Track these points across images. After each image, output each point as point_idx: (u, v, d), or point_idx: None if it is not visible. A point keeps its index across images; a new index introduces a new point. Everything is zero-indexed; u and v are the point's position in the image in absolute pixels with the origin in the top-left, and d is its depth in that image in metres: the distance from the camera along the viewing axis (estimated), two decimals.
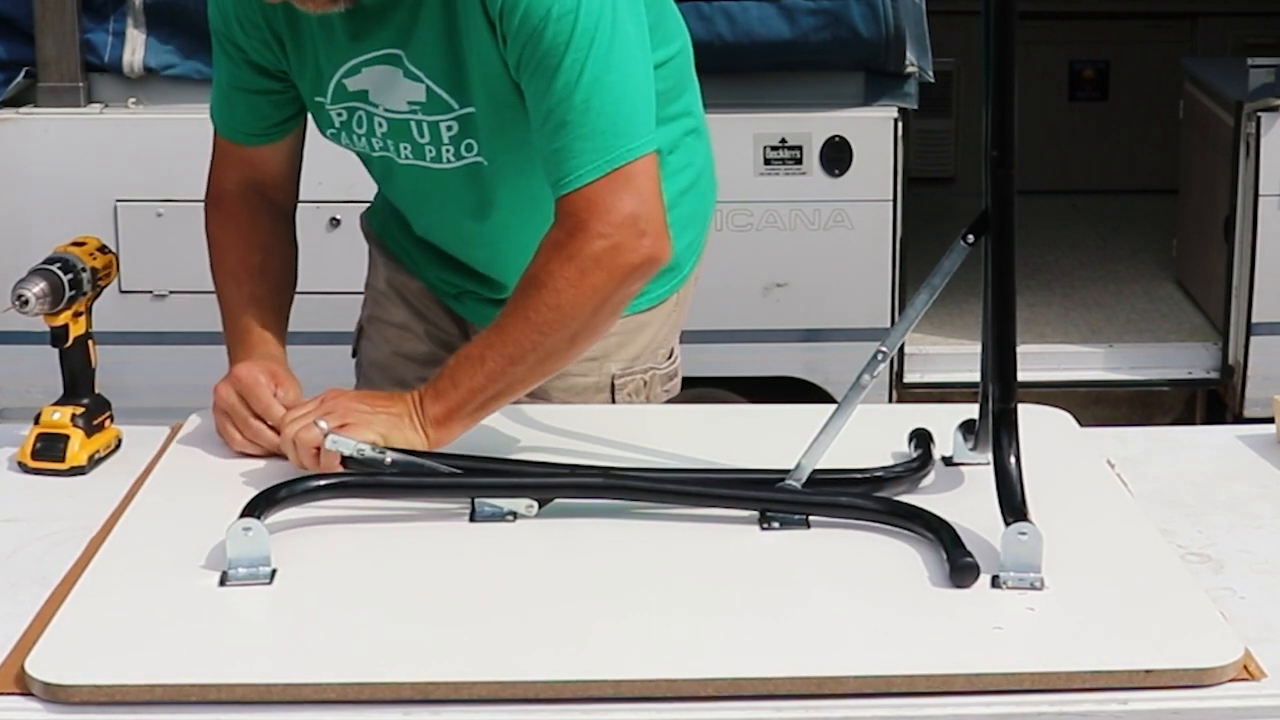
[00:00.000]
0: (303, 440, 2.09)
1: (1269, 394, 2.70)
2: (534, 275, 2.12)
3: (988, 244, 1.98)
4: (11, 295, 2.17)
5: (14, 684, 1.68)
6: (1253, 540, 2.03)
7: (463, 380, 2.13)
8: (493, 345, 2.13)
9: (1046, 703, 1.67)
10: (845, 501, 2.02)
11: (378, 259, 2.65)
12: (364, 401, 2.15)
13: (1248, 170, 4.39)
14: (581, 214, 2.10)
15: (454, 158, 2.27)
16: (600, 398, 2.51)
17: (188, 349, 4.01)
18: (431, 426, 2.13)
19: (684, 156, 2.43)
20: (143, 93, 4.11)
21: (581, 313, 2.11)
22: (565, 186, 2.11)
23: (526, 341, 2.12)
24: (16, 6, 4.04)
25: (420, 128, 2.26)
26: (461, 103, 2.22)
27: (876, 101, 4.12)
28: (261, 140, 2.39)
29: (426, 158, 2.29)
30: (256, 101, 2.35)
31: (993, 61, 1.94)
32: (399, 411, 2.13)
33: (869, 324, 4.14)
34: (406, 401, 2.15)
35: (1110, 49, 6.04)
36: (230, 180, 2.41)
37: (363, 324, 2.69)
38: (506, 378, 2.13)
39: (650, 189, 2.13)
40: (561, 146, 2.10)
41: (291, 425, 2.11)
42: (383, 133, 2.29)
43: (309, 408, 2.13)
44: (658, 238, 2.13)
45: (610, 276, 2.10)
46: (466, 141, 2.26)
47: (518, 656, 1.71)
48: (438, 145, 2.27)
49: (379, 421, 2.11)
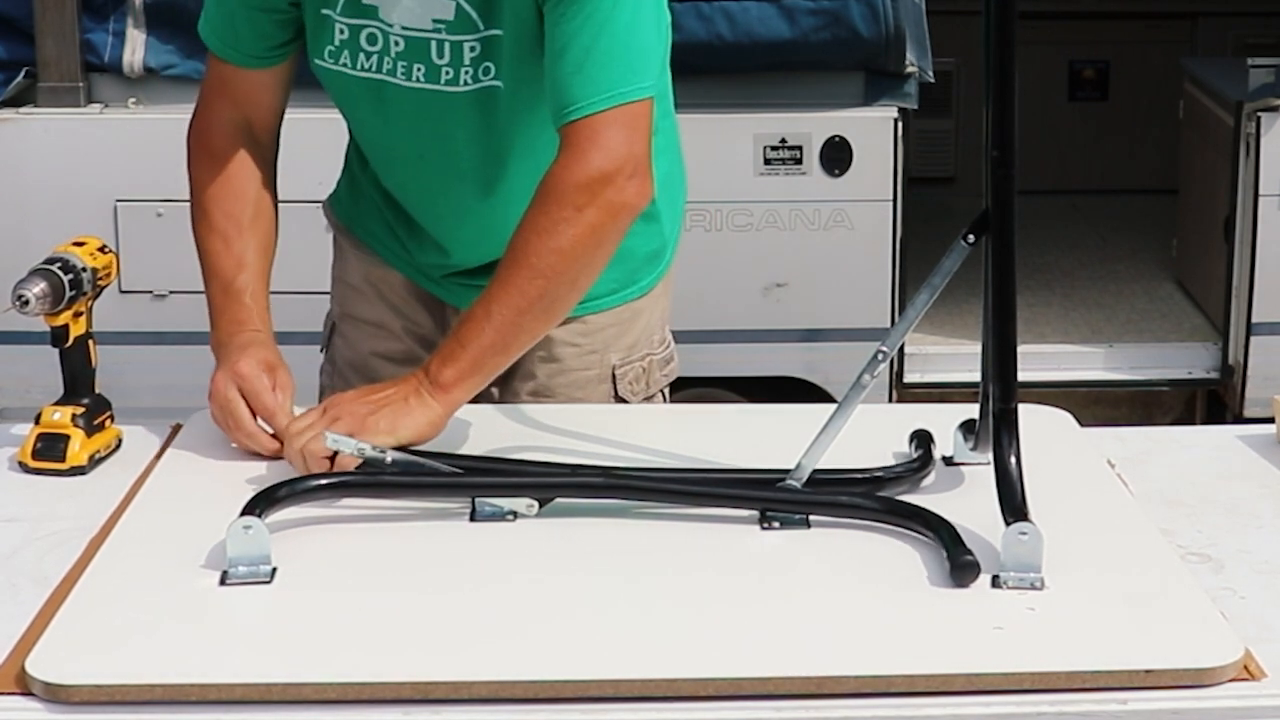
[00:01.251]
0: (313, 452, 2.08)
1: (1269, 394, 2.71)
2: (531, 221, 2.14)
3: (988, 244, 1.98)
4: (12, 295, 2.17)
5: (14, 684, 1.68)
6: (1253, 540, 2.03)
7: (471, 339, 2.14)
8: (497, 299, 2.14)
9: (1046, 703, 1.67)
10: (845, 501, 2.02)
11: (348, 251, 2.61)
12: (366, 400, 2.14)
13: (1248, 170, 4.39)
14: (583, 143, 2.14)
15: (471, 80, 2.26)
16: (603, 389, 2.52)
17: (188, 349, 3.99)
18: (442, 391, 2.13)
19: (663, 140, 2.44)
20: (143, 93, 4.11)
21: (582, 253, 2.14)
22: (571, 113, 2.14)
23: (533, 289, 2.13)
24: (16, 6, 4.04)
25: (441, 47, 2.25)
26: (488, 24, 2.23)
27: (876, 101, 4.12)
28: (261, 63, 2.36)
29: (441, 80, 2.27)
30: (260, 20, 2.33)
31: (993, 61, 1.94)
32: (404, 394, 2.13)
33: (869, 324, 4.14)
34: (412, 380, 2.15)
35: (1110, 49, 6.04)
36: (221, 117, 2.39)
37: (335, 320, 2.65)
38: (515, 329, 2.14)
39: (645, 132, 2.18)
40: (574, 73, 2.14)
41: (299, 438, 2.10)
42: (398, 51, 2.27)
43: (313, 418, 2.12)
44: (644, 181, 2.18)
45: (604, 212, 2.13)
46: (485, 65, 2.25)
47: (518, 656, 1.71)
48: (457, 66, 2.26)
49: (385, 416, 2.11)
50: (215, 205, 2.37)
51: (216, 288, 2.35)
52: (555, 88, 2.17)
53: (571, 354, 2.50)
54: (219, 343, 2.31)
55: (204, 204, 2.38)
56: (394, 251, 2.54)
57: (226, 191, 2.38)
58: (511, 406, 2.44)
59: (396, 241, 2.52)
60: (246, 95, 2.39)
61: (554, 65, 2.17)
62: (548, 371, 2.49)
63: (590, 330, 2.49)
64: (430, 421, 2.12)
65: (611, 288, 2.47)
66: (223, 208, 2.37)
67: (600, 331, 2.50)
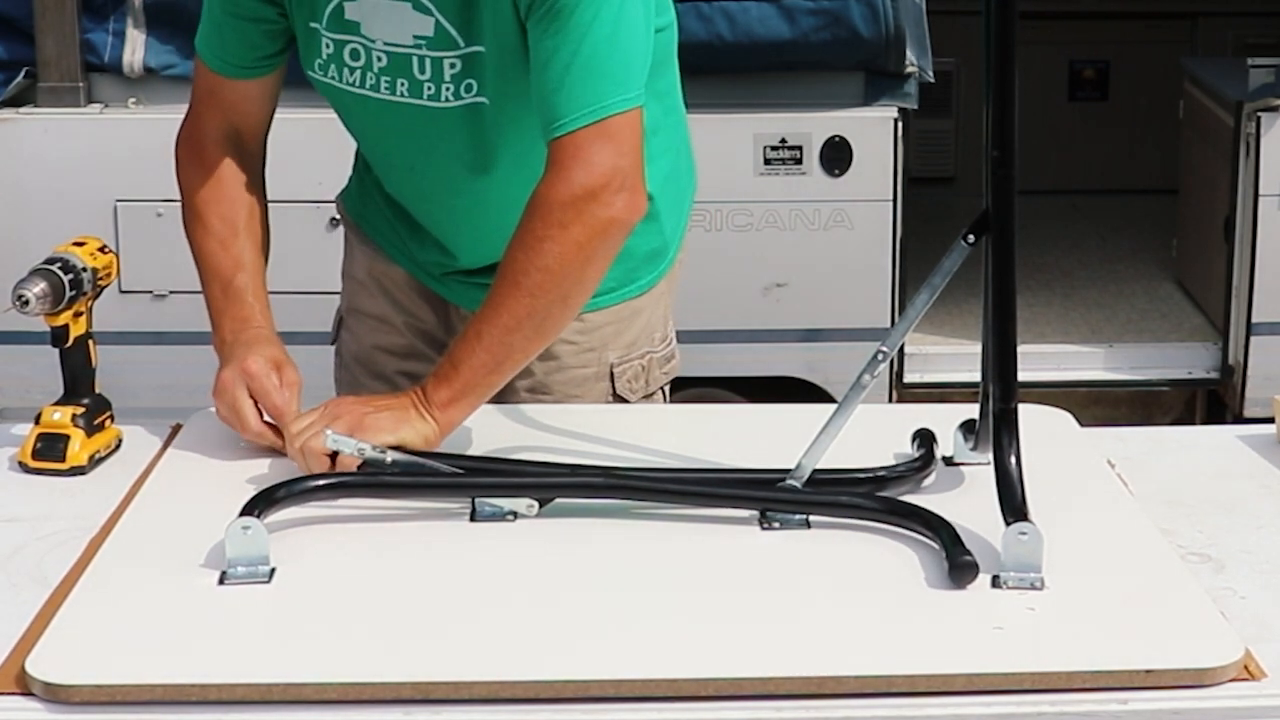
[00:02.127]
0: (312, 449, 2.09)
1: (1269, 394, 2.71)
2: (520, 239, 2.14)
3: (988, 244, 1.98)
4: (12, 295, 2.17)
5: (14, 684, 1.68)
6: (1253, 540, 2.03)
7: (463, 360, 2.15)
8: (487, 319, 2.15)
9: (1046, 703, 1.67)
10: (845, 501, 2.02)
11: (355, 246, 2.63)
12: (368, 404, 2.15)
13: (1248, 170, 4.39)
14: (567, 160, 2.14)
15: (453, 97, 2.27)
16: (601, 387, 2.52)
17: (188, 349, 4.00)
18: (439, 410, 2.14)
19: (666, 139, 2.44)
20: (143, 93, 4.11)
21: (570, 270, 2.13)
22: (555, 130, 2.14)
23: (520, 308, 2.13)
24: (16, 6, 4.04)
25: (422, 63, 2.25)
26: (469, 40, 2.23)
27: (876, 101, 4.12)
28: (249, 73, 2.37)
29: (424, 95, 2.27)
30: (249, 31, 2.34)
31: (993, 61, 1.94)
32: (404, 405, 2.14)
33: (869, 324, 4.14)
34: (409, 396, 2.16)
35: (1110, 49, 6.04)
36: (211, 126, 2.40)
37: (342, 314, 2.67)
38: (506, 348, 2.15)
39: (632, 144, 2.17)
40: (556, 90, 2.14)
41: (300, 436, 2.11)
42: (380, 67, 2.28)
43: (314, 417, 2.13)
44: (634, 193, 2.16)
45: (589, 229, 2.13)
46: (467, 81, 2.25)
47: (518, 656, 1.71)
48: (438, 83, 2.26)
49: (385, 419, 2.11)
50: (209, 209, 2.38)
51: (216, 288, 2.35)
52: (540, 104, 2.16)
53: (569, 351, 2.50)
54: (223, 341, 2.31)
55: (197, 208, 2.39)
56: (397, 248, 2.55)
57: (219, 195, 2.39)
58: (511, 406, 2.44)
59: (399, 239, 2.54)
60: (234, 105, 2.40)
61: (538, 81, 2.16)
62: (545, 369, 2.50)
63: (588, 329, 2.49)
64: (425, 437, 2.13)
65: (610, 286, 2.47)
66: (217, 211, 2.38)
67: (598, 330, 2.50)
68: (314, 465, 2.08)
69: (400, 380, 2.55)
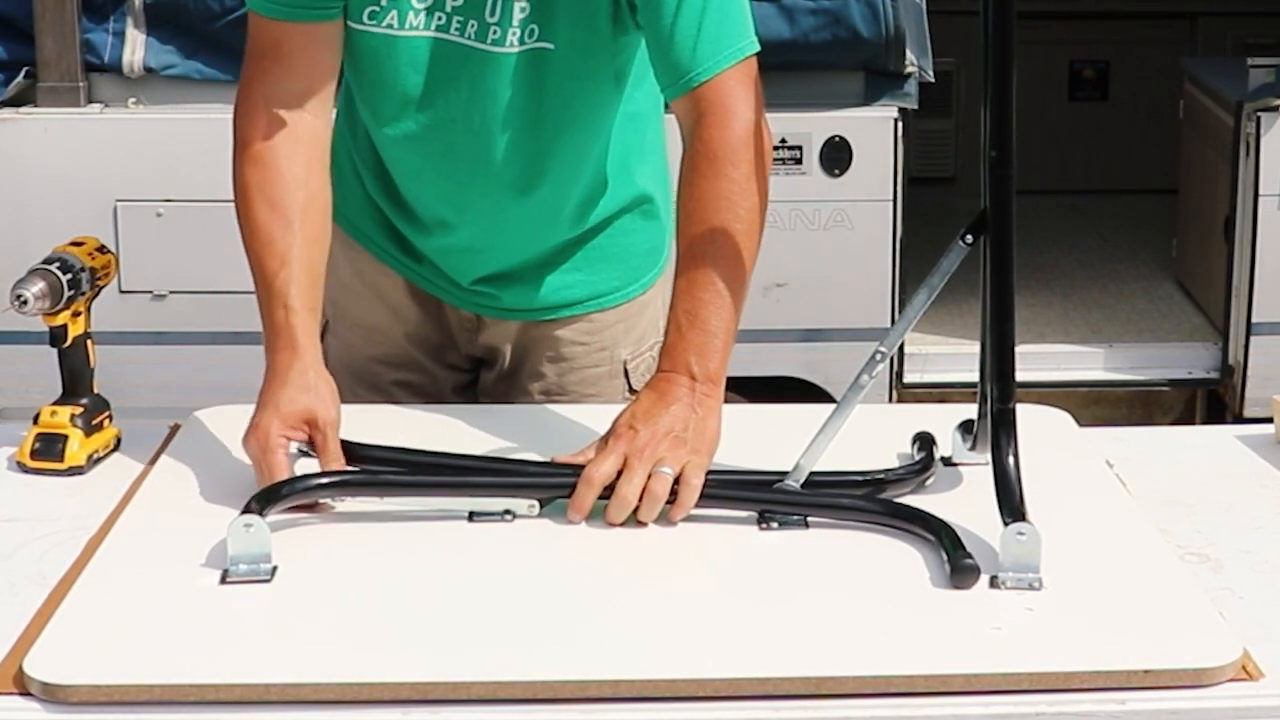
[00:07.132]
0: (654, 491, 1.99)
1: (1269, 394, 2.70)
2: (714, 190, 2.16)
3: (987, 244, 1.98)
4: (10, 295, 2.17)
5: (13, 684, 1.68)
6: (1252, 540, 2.03)
7: (714, 322, 2.12)
8: (718, 274, 2.14)
9: (1045, 703, 1.67)
10: (844, 502, 2.02)
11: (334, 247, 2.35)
12: (654, 424, 2.05)
13: (1248, 170, 4.39)
14: (724, 102, 2.18)
15: (518, 41, 2.22)
16: (616, 384, 2.51)
17: (187, 349, 4.01)
18: (715, 384, 2.10)
19: (664, 136, 2.43)
20: (143, 93, 4.11)
21: (765, 203, 2.20)
22: (698, 77, 2.17)
23: (746, 251, 2.18)
24: (16, 6, 4.04)
25: (494, 6, 2.21)
26: None
27: (876, 101, 4.12)
28: (318, 15, 2.22)
29: (489, 39, 2.22)
30: None
31: (993, 61, 1.94)
32: (686, 407, 2.07)
33: (869, 324, 4.14)
34: (677, 388, 2.08)
35: (1110, 49, 6.04)
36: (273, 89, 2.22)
37: (328, 319, 2.47)
38: (743, 297, 2.17)
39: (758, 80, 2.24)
40: (693, 38, 2.16)
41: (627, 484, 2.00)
42: (454, 6, 2.21)
43: (610, 462, 2.01)
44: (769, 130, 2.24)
45: (766, 162, 2.21)
46: (531, 27, 2.22)
47: (517, 656, 1.71)
48: (505, 27, 2.21)
49: (703, 433, 2.05)
50: (259, 195, 2.21)
51: (260, 287, 2.21)
52: (674, 52, 2.18)
53: (580, 352, 2.49)
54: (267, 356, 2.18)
55: (247, 193, 2.22)
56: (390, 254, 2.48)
57: (273, 177, 2.21)
58: (513, 406, 2.45)
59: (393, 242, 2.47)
60: (304, 53, 2.23)
61: (667, 34, 2.17)
62: (558, 370, 2.49)
63: (597, 329, 2.49)
64: (719, 421, 2.09)
65: (615, 285, 2.47)
66: (268, 197, 2.20)
67: (608, 329, 2.50)
68: (648, 515, 2.00)
69: (395, 391, 2.52)
